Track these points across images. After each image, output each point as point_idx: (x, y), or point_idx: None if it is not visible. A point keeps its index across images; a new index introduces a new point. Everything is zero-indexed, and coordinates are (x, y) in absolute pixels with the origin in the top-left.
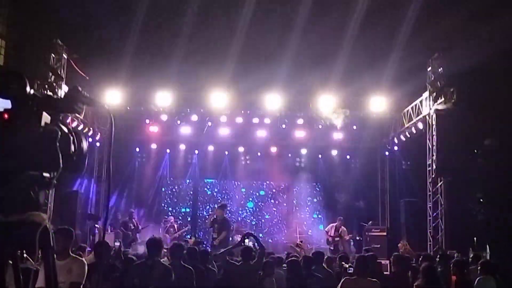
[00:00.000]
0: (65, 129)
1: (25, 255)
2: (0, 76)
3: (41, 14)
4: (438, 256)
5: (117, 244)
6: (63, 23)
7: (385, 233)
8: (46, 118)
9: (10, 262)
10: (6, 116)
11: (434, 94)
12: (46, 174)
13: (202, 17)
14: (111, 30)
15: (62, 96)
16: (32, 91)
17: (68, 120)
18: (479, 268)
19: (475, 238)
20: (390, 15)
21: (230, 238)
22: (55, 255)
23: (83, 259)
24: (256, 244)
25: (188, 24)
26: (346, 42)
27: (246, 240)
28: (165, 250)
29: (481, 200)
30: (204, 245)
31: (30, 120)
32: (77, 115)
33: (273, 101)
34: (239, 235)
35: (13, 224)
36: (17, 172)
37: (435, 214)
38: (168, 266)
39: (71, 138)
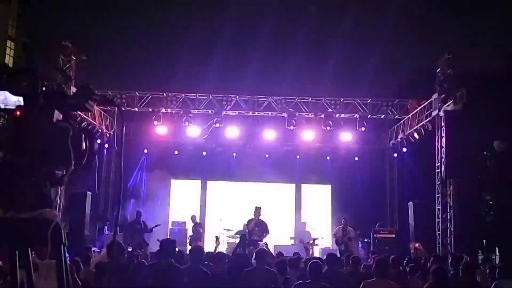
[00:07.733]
0: (77, 127)
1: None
2: (12, 74)
3: (50, 16)
4: (450, 259)
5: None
6: (72, 25)
7: (393, 235)
8: (57, 115)
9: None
10: (18, 113)
11: (443, 95)
12: (58, 171)
13: (211, 22)
14: (120, 32)
15: (73, 93)
16: (44, 88)
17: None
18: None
19: (484, 240)
20: (400, 15)
21: None
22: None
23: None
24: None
25: (197, 28)
26: (354, 42)
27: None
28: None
29: (491, 202)
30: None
31: (42, 117)
32: (86, 116)
33: (281, 102)
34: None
35: (25, 221)
36: (29, 168)
37: (444, 216)
38: (181, 267)
39: (83, 135)
